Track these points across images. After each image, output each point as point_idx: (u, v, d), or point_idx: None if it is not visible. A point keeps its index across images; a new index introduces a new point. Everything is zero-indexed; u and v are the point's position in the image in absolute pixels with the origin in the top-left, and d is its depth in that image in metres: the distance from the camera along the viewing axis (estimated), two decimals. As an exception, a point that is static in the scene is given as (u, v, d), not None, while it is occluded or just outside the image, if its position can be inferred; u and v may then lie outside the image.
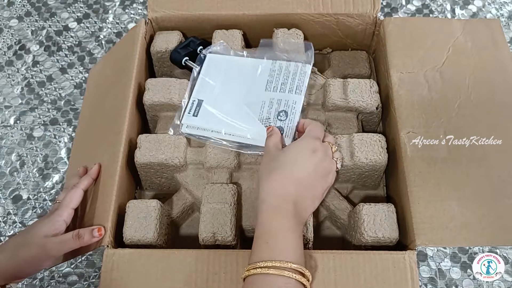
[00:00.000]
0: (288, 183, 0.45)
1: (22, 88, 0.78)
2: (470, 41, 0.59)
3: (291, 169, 0.45)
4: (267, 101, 0.55)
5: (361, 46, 0.69)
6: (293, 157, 0.46)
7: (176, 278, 0.46)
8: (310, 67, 0.57)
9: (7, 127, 0.74)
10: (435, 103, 0.54)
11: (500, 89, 0.55)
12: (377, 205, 0.51)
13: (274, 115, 0.54)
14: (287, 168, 0.45)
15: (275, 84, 0.56)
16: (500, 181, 0.49)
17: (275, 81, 0.56)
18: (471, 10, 0.81)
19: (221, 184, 0.54)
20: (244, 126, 0.54)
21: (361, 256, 0.46)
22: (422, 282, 0.59)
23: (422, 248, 0.61)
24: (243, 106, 0.56)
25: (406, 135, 0.52)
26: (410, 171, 0.50)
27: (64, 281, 0.61)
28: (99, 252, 0.63)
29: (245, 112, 0.55)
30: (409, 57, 0.58)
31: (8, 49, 0.82)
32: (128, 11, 0.84)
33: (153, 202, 0.52)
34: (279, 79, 0.56)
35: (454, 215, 0.48)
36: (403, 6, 0.82)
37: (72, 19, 0.85)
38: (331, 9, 0.62)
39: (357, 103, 0.57)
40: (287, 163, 0.45)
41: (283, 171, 0.45)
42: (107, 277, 0.47)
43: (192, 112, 0.56)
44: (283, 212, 0.43)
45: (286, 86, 0.56)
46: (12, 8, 0.86)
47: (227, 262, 0.47)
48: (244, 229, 0.54)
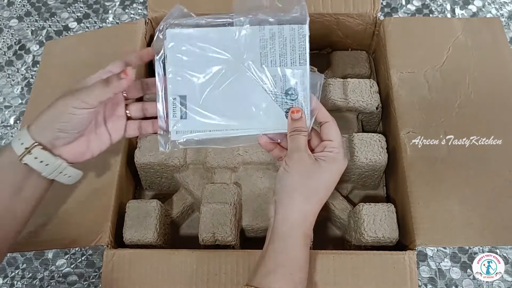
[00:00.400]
0: (319, 208, 0.43)
1: (22, 88, 0.78)
2: (471, 40, 0.59)
3: (326, 195, 0.43)
4: (269, 79, 0.45)
5: (361, 46, 0.69)
6: (331, 181, 0.43)
7: (176, 278, 0.46)
8: (307, 27, 0.45)
9: (7, 127, 0.74)
10: (435, 103, 0.54)
11: (501, 89, 0.55)
12: (377, 205, 0.51)
13: (283, 94, 0.45)
14: (325, 194, 0.43)
15: (271, 56, 0.44)
16: (500, 181, 0.49)
17: (270, 53, 0.44)
18: (471, 10, 0.81)
19: (221, 184, 0.54)
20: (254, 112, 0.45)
21: (361, 256, 0.46)
22: (422, 282, 0.59)
23: (422, 248, 0.61)
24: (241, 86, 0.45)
25: (406, 135, 0.52)
26: (410, 171, 0.50)
27: (64, 281, 0.61)
28: (99, 252, 0.63)
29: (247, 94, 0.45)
30: (409, 57, 0.58)
31: (8, 49, 0.82)
32: (128, 11, 0.84)
33: (153, 202, 0.52)
34: (275, 50, 0.44)
35: (454, 215, 0.48)
36: (403, 6, 0.82)
37: (72, 19, 0.85)
38: (331, 9, 0.62)
39: (357, 103, 0.57)
40: (326, 188, 0.43)
41: (321, 197, 0.43)
42: (107, 277, 0.47)
43: (179, 114, 0.45)
44: (309, 241, 0.42)
45: (286, 57, 0.44)
46: (12, 8, 0.86)
47: (227, 262, 0.47)
48: (244, 229, 0.54)
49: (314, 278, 0.45)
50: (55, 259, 0.62)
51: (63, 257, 0.62)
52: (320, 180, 0.42)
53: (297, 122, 0.44)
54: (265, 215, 0.54)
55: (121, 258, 0.48)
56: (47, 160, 0.41)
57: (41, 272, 0.62)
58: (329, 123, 0.44)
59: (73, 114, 0.41)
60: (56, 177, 0.43)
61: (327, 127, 0.44)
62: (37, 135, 0.41)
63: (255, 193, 0.55)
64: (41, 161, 0.41)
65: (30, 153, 0.40)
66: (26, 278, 0.61)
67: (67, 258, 0.62)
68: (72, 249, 0.63)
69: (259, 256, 0.42)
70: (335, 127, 0.44)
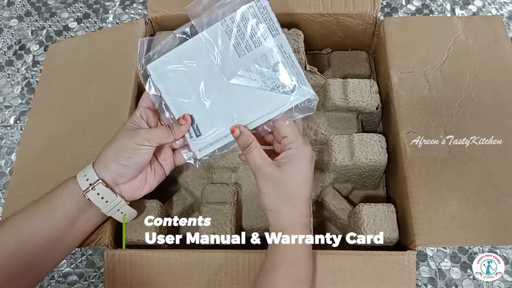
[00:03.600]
0: (304, 207, 0.44)
1: (22, 88, 0.78)
2: (471, 39, 0.59)
3: (305, 193, 0.44)
4: (251, 65, 0.44)
5: (361, 46, 0.69)
6: (302, 179, 0.44)
7: (177, 279, 0.46)
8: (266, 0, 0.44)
9: (7, 127, 0.74)
10: (436, 102, 0.54)
11: (502, 88, 0.55)
12: (377, 205, 0.51)
13: (271, 73, 0.44)
14: (301, 193, 0.44)
15: (244, 43, 0.44)
16: (500, 180, 0.49)
17: (241, 40, 0.44)
18: (471, 10, 0.81)
19: (221, 184, 0.54)
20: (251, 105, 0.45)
21: (361, 256, 0.46)
22: (422, 282, 0.59)
23: (422, 248, 0.61)
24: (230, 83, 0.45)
25: (406, 135, 0.52)
26: (410, 171, 0.50)
27: (64, 281, 0.61)
28: (99, 252, 0.63)
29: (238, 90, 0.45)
30: (409, 56, 0.58)
31: (8, 49, 0.82)
32: (128, 11, 0.84)
33: (153, 202, 0.52)
34: (244, 35, 0.44)
35: (454, 215, 0.48)
36: (403, 6, 0.82)
37: (72, 19, 0.85)
38: (331, 9, 0.62)
39: (357, 103, 0.57)
40: (300, 188, 0.44)
41: (299, 198, 0.44)
42: (110, 277, 0.47)
43: (194, 134, 0.47)
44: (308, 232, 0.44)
45: (257, 36, 0.44)
46: (12, 8, 0.86)
47: (227, 262, 0.47)
48: (244, 229, 0.54)
49: (314, 278, 0.46)
50: (55, 259, 0.62)
51: (63, 257, 0.62)
52: (291, 184, 0.43)
53: (240, 138, 0.45)
54: (265, 215, 0.54)
55: (121, 259, 0.48)
56: (108, 197, 0.44)
57: (41, 272, 0.62)
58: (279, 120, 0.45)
59: (137, 150, 0.44)
60: (113, 214, 0.45)
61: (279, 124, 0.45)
62: (101, 172, 0.44)
63: (255, 193, 0.55)
64: (102, 197, 0.43)
65: (93, 189, 0.43)
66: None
67: (67, 258, 0.62)
68: (72, 249, 0.63)
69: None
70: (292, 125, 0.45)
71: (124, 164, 0.44)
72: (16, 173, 0.56)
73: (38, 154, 0.56)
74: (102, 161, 0.44)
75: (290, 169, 0.43)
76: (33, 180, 0.54)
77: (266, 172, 0.43)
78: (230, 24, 0.44)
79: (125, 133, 0.45)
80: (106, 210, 0.44)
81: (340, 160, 0.53)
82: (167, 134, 0.45)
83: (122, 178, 0.45)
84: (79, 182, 0.43)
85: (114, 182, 0.44)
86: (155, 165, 0.48)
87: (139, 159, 0.44)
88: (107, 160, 0.44)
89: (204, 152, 0.47)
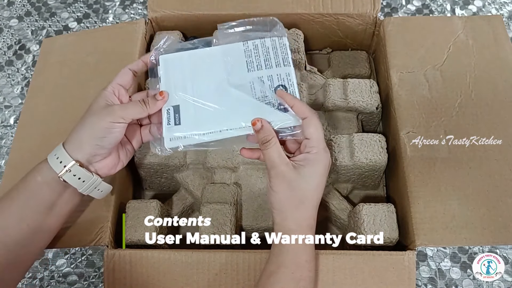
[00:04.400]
0: (314, 211, 0.43)
1: (22, 88, 0.78)
2: (472, 39, 0.59)
3: (318, 197, 0.43)
4: (256, 80, 0.47)
5: (361, 46, 0.69)
6: (317, 182, 0.43)
7: (177, 279, 0.46)
8: (286, 39, 0.49)
9: (7, 127, 0.74)
10: (436, 102, 0.54)
11: (502, 87, 0.55)
12: (377, 205, 0.51)
13: (271, 92, 0.46)
14: (314, 198, 0.43)
15: (257, 62, 0.48)
16: (500, 180, 0.49)
17: (255, 59, 0.48)
18: (471, 10, 0.81)
19: (221, 184, 0.54)
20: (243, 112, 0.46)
21: (361, 256, 0.46)
22: (422, 282, 0.59)
23: (422, 248, 0.61)
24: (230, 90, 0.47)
25: (406, 135, 0.52)
26: (410, 171, 0.50)
27: (64, 281, 0.61)
28: (99, 252, 0.63)
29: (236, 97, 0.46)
30: (409, 56, 0.58)
31: (8, 49, 0.82)
32: (128, 11, 0.84)
33: (153, 202, 0.52)
34: (259, 56, 0.48)
35: (454, 215, 0.48)
36: (403, 6, 0.82)
37: (72, 19, 0.85)
38: (331, 9, 0.62)
39: (357, 103, 0.57)
40: (314, 191, 0.43)
41: (311, 202, 0.43)
42: (110, 277, 0.47)
43: (173, 121, 0.46)
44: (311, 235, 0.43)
45: (270, 61, 0.48)
46: (12, 8, 0.86)
47: (227, 262, 0.47)
48: (244, 229, 0.54)
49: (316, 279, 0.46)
50: (55, 259, 0.62)
51: (63, 257, 0.62)
52: (305, 187, 0.42)
53: (261, 132, 0.43)
54: (265, 215, 0.54)
55: (121, 259, 0.48)
56: (85, 177, 0.43)
57: (41, 272, 0.62)
58: (307, 119, 0.43)
59: (110, 128, 0.42)
60: (91, 193, 0.45)
61: (305, 124, 0.44)
62: (75, 153, 0.42)
63: (255, 193, 0.55)
64: (79, 178, 0.42)
65: (69, 171, 0.42)
66: (26, 278, 0.61)
67: (67, 258, 0.62)
68: (72, 249, 0.63)
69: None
70: (314, 122, 0.43)
71: (98, 144, 0.43)
72: (9, 170, 0.55)
73: (34, 152, 0.55)
74: (75, 142, 0.43)
75: (307, 173, 0.42)
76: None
77: (282, 171, 0.42)
78: (250, 46, 0.49)
79: (98, 111, 0.43)
80: (84, 189, 0.43)
81: (340, 160, 0.53)
82: (141, 109, 0.44)
83: (97, 157, 0.44)
84: (52, 166, 0.42)
85: (89, 162, 0.43)
86: (124, 142, 0.48)
87: (114, 138, 0.43)
88: (80, 140, 0.43)
89: (174, 144, 0.45)
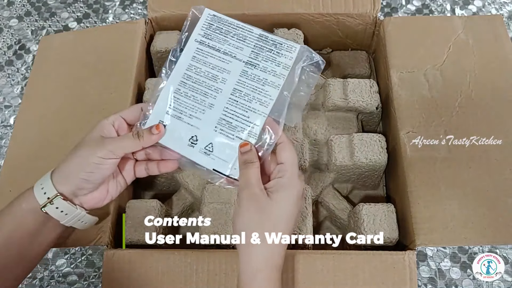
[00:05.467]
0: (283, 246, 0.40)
1: (22, 88, 0.78)
2: (472, 38, 0.59)
3: (287, 227, 0.40)
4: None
5: (361, 46, 0.69)
6: (288, 209, 0.40)
7: (177, 279, 0.46)
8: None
9: (7, 127, 0.74)
10: (436, 102, 0.54)
11: (502, 87, 0.55)
12: (377, 205, 0.51)
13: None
14: (286, 225, 0.40)
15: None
16: (500, 180, 0.49)
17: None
18: (471, 10, 0.81)
19: (221, 184, 0.54)
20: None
21: (361, 256, 0.46)
22: (422, 282, 0.59)
23: (422, 248, 0.61)
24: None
25: (406, 135, 0.52)
26: (410, 171, 0.50)
27: (64, 281, 0.61)
28: (99, 252, 0.63)
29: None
30: (409, 56, 0.58)
31: (8, 49, 0.82)
32: (128, 11, 0.84)
33: (153, 202, 0.52)
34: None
35: (454, 215, 0.48)
36: (403, 6, 0.82)
37: (72, 19, 0.85)
38: (331, 9, 0.62)
39: (357, 103, 0.57)
40: (286, 219, 0.40)
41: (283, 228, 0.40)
42: (108, 277, 0.47)
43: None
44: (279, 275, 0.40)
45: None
46: (12, 8, 0.86)
47: (227, 262, 0.47)
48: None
49: (314, 278, 0.46)
50: (55, 259, 0.62)
51: (63, 257, 0.62)
52: (275, 213, 0.40)
53: (246, 154, 0.42)
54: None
55: (121, 259, 0.48)
56: (67, 210, 0.42)
57: (41, 272, 0.62)
58: (282, 144, 0.42)
59: (100, 164, 0.41)
60: (74, 224, 0.44)
61: (280, 148, 0.42)
62: (60, 185, 0.41)
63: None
64: (62, 211, 0.41)
65: (51, 203, 0.41)
66: (26, 278, 0.61)
67: (67, 258, 0.62)
68: (72, 249, 0.63)
69: None
70: (289, 147, 0.42)
71: (85, 179, 0.41)
72: (6, 169, 0.55)
73: (30, 151, 0.55)
74: (62, 173, 0.41)
75: (278, 199, 0.40)
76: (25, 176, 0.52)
77: (256, 193, 0.40)
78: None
79: (89, 143, 0.42)
80: (66, 222, 0.42)
81: (340, 160, 0.53)
82: (133, 143, 0.42)
83: (83, 190, 0.42)
84: (37, 196, 0.41)
85: (74, 194, 0.42)
86: (116, 174, 0.46)
87: (102, 174, 0.42)
88: (67, 172, 0.41)
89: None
